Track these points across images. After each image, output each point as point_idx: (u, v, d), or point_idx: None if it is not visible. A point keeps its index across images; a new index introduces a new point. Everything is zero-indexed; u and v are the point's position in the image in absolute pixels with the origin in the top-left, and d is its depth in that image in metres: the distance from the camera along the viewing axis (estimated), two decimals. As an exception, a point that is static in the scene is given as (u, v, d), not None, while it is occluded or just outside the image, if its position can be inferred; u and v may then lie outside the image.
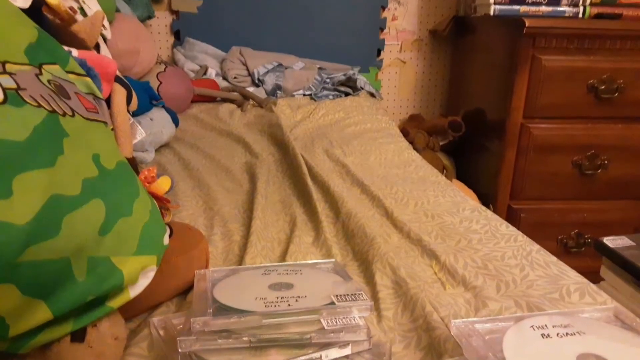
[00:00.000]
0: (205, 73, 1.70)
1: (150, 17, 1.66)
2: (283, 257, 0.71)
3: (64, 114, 0.43)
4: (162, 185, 0.67)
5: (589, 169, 1.45)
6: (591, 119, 1.42)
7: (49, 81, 0.45)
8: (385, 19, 1.88)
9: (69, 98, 0.46)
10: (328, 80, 1.70)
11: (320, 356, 0.44)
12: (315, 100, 1.61)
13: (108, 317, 0.45)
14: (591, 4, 1.45)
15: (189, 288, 0.60)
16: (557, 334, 0.45)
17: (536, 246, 0.73)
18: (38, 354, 0.42)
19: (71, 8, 0.79)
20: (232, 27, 1.80)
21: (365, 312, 0.47)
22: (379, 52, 1.91)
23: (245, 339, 0.44)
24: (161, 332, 0.50)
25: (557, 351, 0.43)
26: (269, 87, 1.65)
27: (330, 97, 1.65)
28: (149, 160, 1.13)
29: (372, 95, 1.72)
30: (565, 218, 1.50)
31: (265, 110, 1.49)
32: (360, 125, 1.41)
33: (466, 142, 1.70)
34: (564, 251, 1.52)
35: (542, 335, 0.45)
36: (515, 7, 1.47)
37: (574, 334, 0.45)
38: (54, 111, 0.42)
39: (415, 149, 1.44)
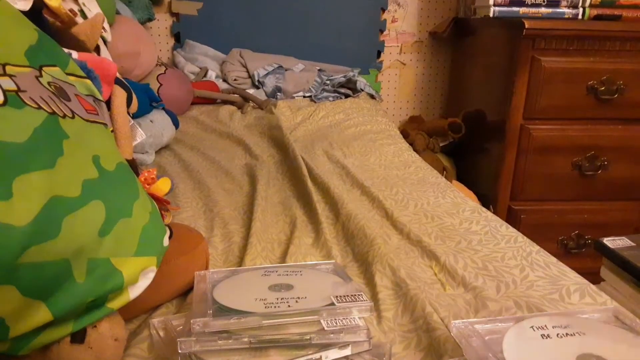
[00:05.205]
0: (205, 75, 1.70)
1: (150, 20, 1.66)
2: (283, 259, 0.71)
3: (64, 116, 0.43)
4: (162, 186, 0.67)
5: (589, 170, 1.45)
6: (591, 120, 1.42)
7: (49, 83, 0.45)
8: (385, 21, 1.89)
9: (69, 100, 0.47)
10: (328, 82, 1.71)
11: (320, 357, 0.44)
12: (315, 102, 1.61)
13: (108, 318, 0.45)
14: (591, 6, 1.45)
15: (189, 289, 0.60)
16: (557, 335, 0.45)
17: (536, 247, 0.73)
18: (38, 355, 0.42)
19: (71, 10, 0.79)
20: (232, 30, 1.81)
21: (365, 313, 0.47)
22: (378, 54, 1.91)
23: (245, 339, 0.44)
24: (161, 333, 0.50)
25: (557, 352, 0.43)
26: (269, 89, 1.65)
27: (330, 98, 1.65)
28: (149, 162, 1.13)
29: (372, 97, 1.72)
30: (565, 219, 1.50)
31: (265, 112, 1.50)
32: (360, 126, 1.42)
33: (466, 143, 1.70)
34: (564, 252, 1.52)
35: (542, 335, 0.45)
36: (515, 8, 1.48)
37: (574, 335, 0.45)
38: (54, 113, 0.42)
39: (415, 150, 1.44)
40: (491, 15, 1.49)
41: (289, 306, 0.47)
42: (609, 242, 0.76)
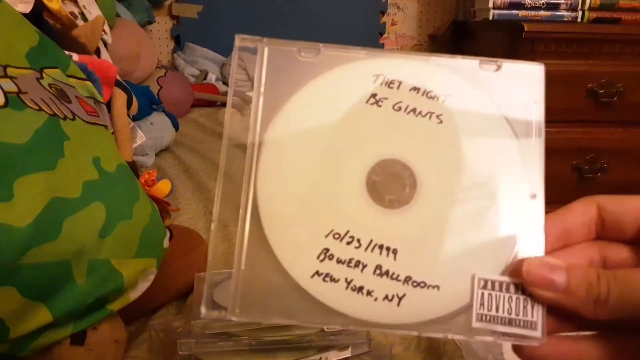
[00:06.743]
0: (205, 77, 1.71)
1: (150, 22, 1.67)
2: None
3: (65, 118, 0.44)
4: (162, 188, 0.67)
5: (588, 172, 1.45)
6: (591, 122, 1.43)
7: (49, 85, 0.45)
8: (384, 24, 1.89)
9: (69, 102, 0.47)
10: (328, 84, 1.71)
11: (320, 358, 0.44)
12: (315, 105, 1.61)
13: (108, 319, 0.45)
14: (590, 9, 1.46)
15: (189, 291, 0.60)
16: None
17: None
18: (38, 356, 0.42)
19: (72, 13, 0.80)
20: (232, 32, 1.79)
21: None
22: (378, 57, 1.92)
23: (246, 341, 0.44)
24: (161, 335, 0.50)
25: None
26: (269, 91, 1.66)
27: (330, 101, 1.65)
28: (149, 164, 1.14)
29: (371, 99, 1.73)
30: (565, 222, 1.50)
31: (265, 115, 1.50)
32: (360, 129, 1.42)
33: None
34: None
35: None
36: (514, 11, 1.48)
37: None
38: (54, 115, 0.42)
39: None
40: (490, 18, 1.49)
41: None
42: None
